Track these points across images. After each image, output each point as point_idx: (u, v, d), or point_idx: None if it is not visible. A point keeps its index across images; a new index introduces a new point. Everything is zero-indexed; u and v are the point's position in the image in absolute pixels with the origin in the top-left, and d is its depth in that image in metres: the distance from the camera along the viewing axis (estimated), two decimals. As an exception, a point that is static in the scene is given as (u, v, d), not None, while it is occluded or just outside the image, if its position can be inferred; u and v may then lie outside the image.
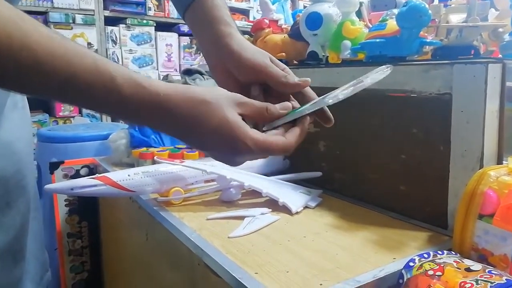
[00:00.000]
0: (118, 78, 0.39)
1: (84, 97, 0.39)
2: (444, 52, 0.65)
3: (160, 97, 0.41)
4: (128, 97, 0.39)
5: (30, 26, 0.36)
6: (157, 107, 0.41)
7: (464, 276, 0.41)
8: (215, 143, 0.43)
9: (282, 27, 0.99)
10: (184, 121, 0.42)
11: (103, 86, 0.38)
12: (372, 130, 0.73)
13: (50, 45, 0.36)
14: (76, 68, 0.37)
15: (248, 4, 2.86)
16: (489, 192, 0.49)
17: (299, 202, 0.72)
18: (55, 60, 0.36)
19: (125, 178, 0.70)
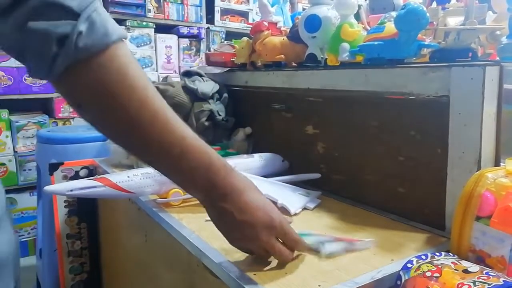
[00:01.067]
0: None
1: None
2: (442, 54, 0.65)
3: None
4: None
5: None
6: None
7: (462, 277, 0.42)
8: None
9: (281, 29, 1.00)
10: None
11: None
12: (370, 132, 0.73)
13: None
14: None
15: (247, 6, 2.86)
16: (486, 194, 0.49)
17: (298, 204, 0.72)
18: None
19: (125, 180, 0.71)
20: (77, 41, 0.38)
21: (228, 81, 1.11)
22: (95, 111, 0.43)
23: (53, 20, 0.37)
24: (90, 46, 0.39)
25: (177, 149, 0.46)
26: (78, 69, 0.40)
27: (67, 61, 0.39)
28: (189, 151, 0.47)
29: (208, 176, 0.49)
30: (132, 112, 0.43)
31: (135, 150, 0.48)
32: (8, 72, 2.00)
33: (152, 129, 0.44)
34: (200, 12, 2.61)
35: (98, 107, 0.43)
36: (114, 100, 0.42)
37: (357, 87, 0.73)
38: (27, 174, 2.06)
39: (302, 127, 0.88)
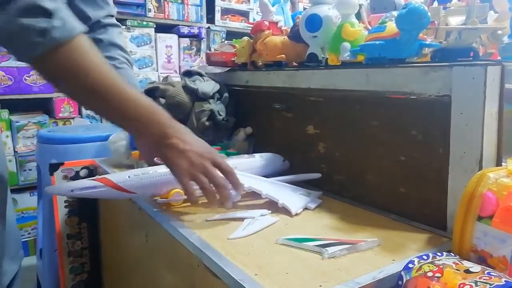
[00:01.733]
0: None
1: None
2: (443, 54, 0.65)
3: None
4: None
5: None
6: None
7: (463, 277, 0.41)
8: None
9: (282, 29, 1.00)
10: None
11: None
12: (371, 132, 0.73)
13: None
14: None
15: (248, 6, 2.86)
16: (488, 194, 0.49)
17: (299, 204, 0.72)
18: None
19: (125, 180, 0.71)
20: (53, 33, 0.54)
21: (229, 80, 1.11)
22: (65, 82, 0.60)
23: (36, 17, 0.53)
24: (63, 36, 0.55)
25: (132, 106, 0.63)
26: (53, 53, 0.56)
27: (46, 47, 0.55)
28: (138, 106, 0.64)
29: (151, 118, 0.65)
30: (89, 82, 0.59)
31: (97, 110, 0.67)
32: (9, 72, 2.00)
33: (108, 92, 0.61)
34: (200, 12, 2.61)
35: (67, 79, 0.59)
36: (78, 73, 0.58)
37: (358, 86, 0.73)
38: (27, 174, 2.06)
39: (303, 127, 0.88)
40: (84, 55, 0.58)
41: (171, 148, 0.64)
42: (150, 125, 0.64)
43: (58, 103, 2.15)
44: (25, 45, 0.54)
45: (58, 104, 2.15)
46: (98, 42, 0.98)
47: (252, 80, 1.03)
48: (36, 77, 2.07)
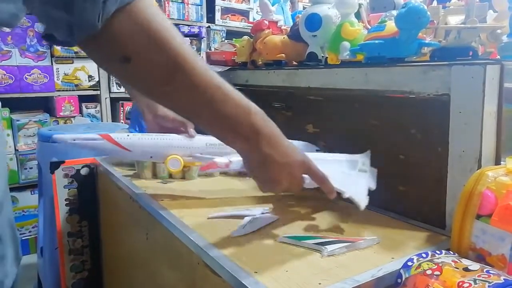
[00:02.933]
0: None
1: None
2: (443, 53, 0.65)
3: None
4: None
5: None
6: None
7: (462, 275, 0.42)
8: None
9: (281, 28, 1.00)
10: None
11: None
12: (371, 130, 0.73)
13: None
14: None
15: (248, 5, 2.86)
16: (487, 193, 0.49)
17: (363, 191, 0.64)
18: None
19: (123, 137, 0.73)
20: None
21: (229, 79, 1.09)
22: (141, 56, 0.43)
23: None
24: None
25: (219, 95, 0.49)
26: (125, 12, 0.40)
27: (116, 3, 0.39)
28: (230, 96, 0.50)
29: (251, 122, 0.51)
30: (175, 52, 0.44)
31: (177, 98, 0.48)
32: (9, 71, 2.00)
33: (194, 73, 0.46)
34: (200, 11, 2.61)
35: (144, 51, 0.42)
36: (158, 41, 0.42)
37: (357, 85, 0.73)
38: (28, 172, 2.07)
39: (303, 125, 0.88)
40: (159, 16, 0.44)
41: (269, 163, 0.54)
42: (241, 126, 0.51)
43: (59, 101, 2.15)
44: (91, 5, 0.39)
45: (59, 103, 2.15)
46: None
47: (252, 79, 1.03)
48: (37, 75, 2.07)
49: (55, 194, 1.07)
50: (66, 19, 0.38)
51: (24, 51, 2.06)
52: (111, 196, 1.01)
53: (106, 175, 0.99)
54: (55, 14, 0.38)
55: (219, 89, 0.49)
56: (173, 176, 0.92)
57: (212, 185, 0.79)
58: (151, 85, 0.46)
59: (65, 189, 1.08)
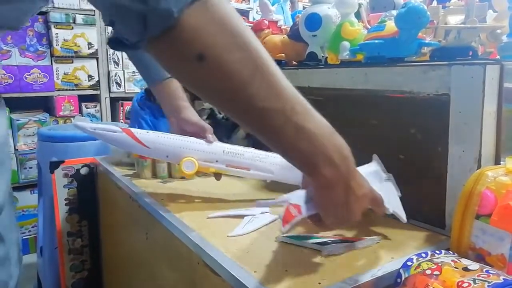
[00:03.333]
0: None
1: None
2: (442, 53, 0.65)
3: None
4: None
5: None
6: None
7: (462, 275, 0.42)
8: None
9: (281, 28, 1.00)
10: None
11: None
12: (370, 130, 0.73)
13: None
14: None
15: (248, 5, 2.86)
16: (486, 192, 0.49)
17: (399, 202, 0.60)
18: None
19: (143, 133, 0.73)
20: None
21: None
22: (218, 55, 0.37)
23: None
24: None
25: (300, 107, 0.42)
26: (202, 4, 0.36)
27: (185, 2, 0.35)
28: (310, 110, 0.43)
29: (337, 143, 0.45)
30: (255, 52, 0.39)
31: (254, 109, 0.40)
32: (9, 70, 2.00)
33: (274, 78, 0.40)
34: (200, 11, 2.61)
35: (221, 49, 0.37)
36: (238, 37, 0.38)
37: (357, 85, 0.73)
38: (27, 172, 2.07)
39: (303, 125, 0.88)
40: (237, 14, 0.39)
41: (349, 195, 0.46)
42: (326, 148, 0.44)
43: (59, 101, 2.15)
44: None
45: (58, 103, 2.15)
46: None
47: (252, 79, 1.02)
48: (36, 75, 2.07)
49: (55, 193, 1.08)
50: (139, 9, 0.34)
51: (24, 51, 2.06)
52: (111, 196, 1.01)
53: (106, 175, 0.99)
54: (128, 3, 0.34)
55: (300, 100, 0.42)
56: (172, 176, 0.92)
57: (211, 185, 0.79)
58: (227, 88, 0.39)
59: (65, 188, 1.08)
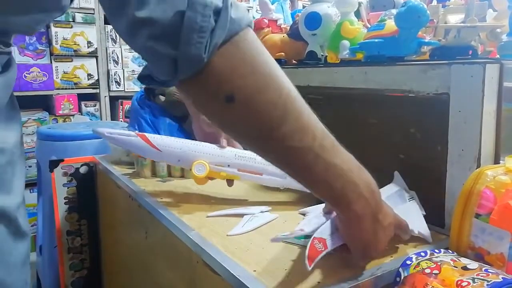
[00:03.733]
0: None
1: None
2: (442, 52, 0.65)
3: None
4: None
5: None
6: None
7: (461, 274, 0.42)
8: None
9: (281, 26, 1.00)
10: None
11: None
12: (370, 129, 0.73)
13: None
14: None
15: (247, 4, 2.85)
16: (486, 191, 0.49)
17: (424, 222, 0.59)
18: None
19: (156, 137, 0.75)
20: (231, 13, 0.36)
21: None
22: (248, 96, 0.38)
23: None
24: (240, 19, 0.37)
25: (328, 143, 0.43)
26: (232, 45, 0.37)
27: (224, 34, 0.36)
28: (337, 145, 0.44)
29: (365, 177, 0.45)
30: (285, 92, 0.39)
31: (285, 146, 0.40)
32: (8, 69, 2.00)
33: (303, 116, 0.40)
34: (200, 9, 2.60)
35: (251, 90, 0.38)
36: (268, 77, 0.38)
37: (357, 84, 0.73)
38: (27, 171, 2.06)
39: (302, 124, 0.88)
40: (265, 51, 0.40)
41: (378, 225, 0.46)
42: (355, 183, 0.44)
43: (58, 100, 2.15)
44: (198, 35, 0.35)
45: (58, 101, 2.15)
46: None
47: (251, 78, 1.02)
48: (36, 74, 2.07)
49: (54, 192, 1.07)
50: (170, 53, 0.36)
51: (23, 49, 2.05)
52: (110, 195, 1.01)
53: (105, 174, 0.99)
54: (161, 49, 0.36)
55: (326, 135, 0.43)
56: (172, 175, 0.92)
57: (211, 184, 0.79)
58: (257, 129, 0.40)
59: (64, 187, 1.08)
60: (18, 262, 0.48)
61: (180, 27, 0.35)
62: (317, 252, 0.47)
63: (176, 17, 0.35)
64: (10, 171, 0.47)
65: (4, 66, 0.46)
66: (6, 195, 0.46)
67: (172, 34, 0.35)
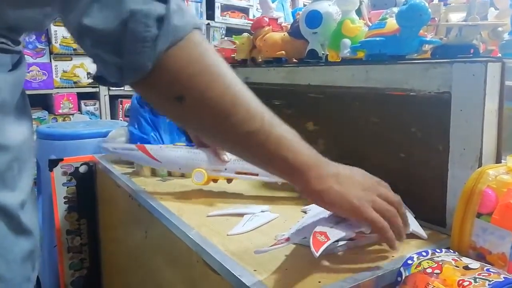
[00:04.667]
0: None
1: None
2: (444, 51, 0.65)
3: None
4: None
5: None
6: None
7: (462, 274, 0.42)
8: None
9: (282, 25, 0.99)
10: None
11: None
12: (371, 128, 0.73)
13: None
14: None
15: (248, 3, 2.85)
16: (487, 191, 0.49)
17: (415, 220, 0.61)
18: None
19: (156, 149, 0.81)
20: (173, 19, 0.38)
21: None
22: (197, 95, 0.40)
23: (147, 4, 0.37)
24: (185, 24, 0.39)
25: (277, 124, 0.46)
26: (177, 49, 0.39)
27: (168, 41, 0.38)
28: (281, 123, 0.48)
29: (308, 147, 0.50)
30: (231, 89, 0.42)
31: (235, 136, 0.44)
32: (8, 67, 2.00)
33: (250, 106, 0.43)
34: (200, 8, 2.61)
35: (199, 89, 0.40)
36: (215, 75, 0.41)
37: (358, 83, 0.72)
38: (27, 170, 2.06)
39: (303, 123, 0.88)
40: (211, 51, 0.42)
41: (336, 175, 0.50)
42: (302, 148, 0.49)
43: (58, 99, 2.14)
44: (141, 44, 0.37)
45: (57, 100, 2.14)
46: None
47: (252, 77, 1.02)
48: (35, 73, 2.07)
49: (54, 191, 1.07)
50: (116, 61, 0.38)
51: (23, 48, 2.05)
52: (110, 194, 1.01)
53: (105, 173, 0.99)
54: (106, 57, 0.38)
55: (269, 112, 0.46)
56: (172, 174, 0.92)
57: (211, 183, 0.79)
58: (208, 122, 0.43)
59: (64, 186, 1.08)
60: (19, 259, 0.49)
61: (123, 37, 0.36)
62: (321, 243, 0.47)
63: (119, 26, 0.36)
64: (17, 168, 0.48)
65: (14, 64, 0.46)
66: (9, 192, 0.46)
67: (116, 43, 0.37)
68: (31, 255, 0.60)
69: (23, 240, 0.50)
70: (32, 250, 0.60)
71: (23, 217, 0.48)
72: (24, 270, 0.51)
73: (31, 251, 0.59)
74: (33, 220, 0.60)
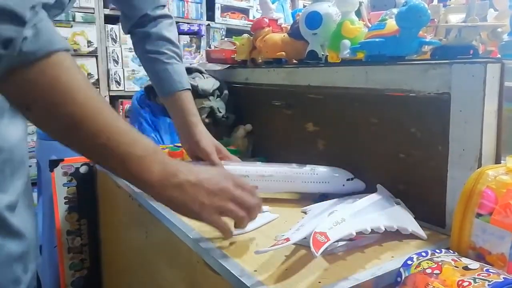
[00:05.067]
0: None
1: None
2: (443, 51, 0.65)
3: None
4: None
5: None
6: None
7: (462, 274, 0.42)
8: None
9: (281, 26, 1.00)
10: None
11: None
12: (371, 129, 0.73)
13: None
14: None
15: (248, 3, 2.85)
16: (487, 191, 0.49)
17: (414, 221, 0.61)
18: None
19: None
20: (22, 45, 0.40)
21: (229, 78, 1.11)
22: (42, 112, 0.44)
23: (2, 23, 0.39)
24: (34, 51, 0.41)
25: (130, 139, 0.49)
26: (22, 72, 0.41)
27: (10, 64, 0.40)
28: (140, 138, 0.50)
29: (153, 147, 0.51)
30: (78, 107, 0.45)
31: (82, 148, 0.49)
32: (8, 68, 2.00)
33: (98, 123, 0.46)
34: (200, 9, 2.61)
35: (44, 107, 0.44)
36: (67, 94, 0.44)
37: (357, 84, 0.73)
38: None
39: (303, 124, 0.88)
40: (65, 76, 0.45)
41: (180, 186, 0.52)
42: (151, 163, 0.51)
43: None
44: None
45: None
46: (147, 36, 0.88)
47: (252, 77, 1.02)
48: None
49: (54, 192, 1.07)
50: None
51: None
52: (110, 195, 1.01)
53: (106, 173, 0.99)
54: None
55: (121, 122, 0.49)
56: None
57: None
58: (56, 135, 0.47)
59: (64, 187, 1.08)
60: (5, 261, 0.48)
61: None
62: (321, 243, 0.47)
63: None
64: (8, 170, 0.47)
65: None
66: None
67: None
68: (22, 257, 0.59)
69: (11, 243, 0.49)
70: (24, 252, 0.60)
71: (12, 219, 0.48)
72: (11, 273, 0.51)
73: (22, 253, 0.58)
74: (26, 222, 0.60)
